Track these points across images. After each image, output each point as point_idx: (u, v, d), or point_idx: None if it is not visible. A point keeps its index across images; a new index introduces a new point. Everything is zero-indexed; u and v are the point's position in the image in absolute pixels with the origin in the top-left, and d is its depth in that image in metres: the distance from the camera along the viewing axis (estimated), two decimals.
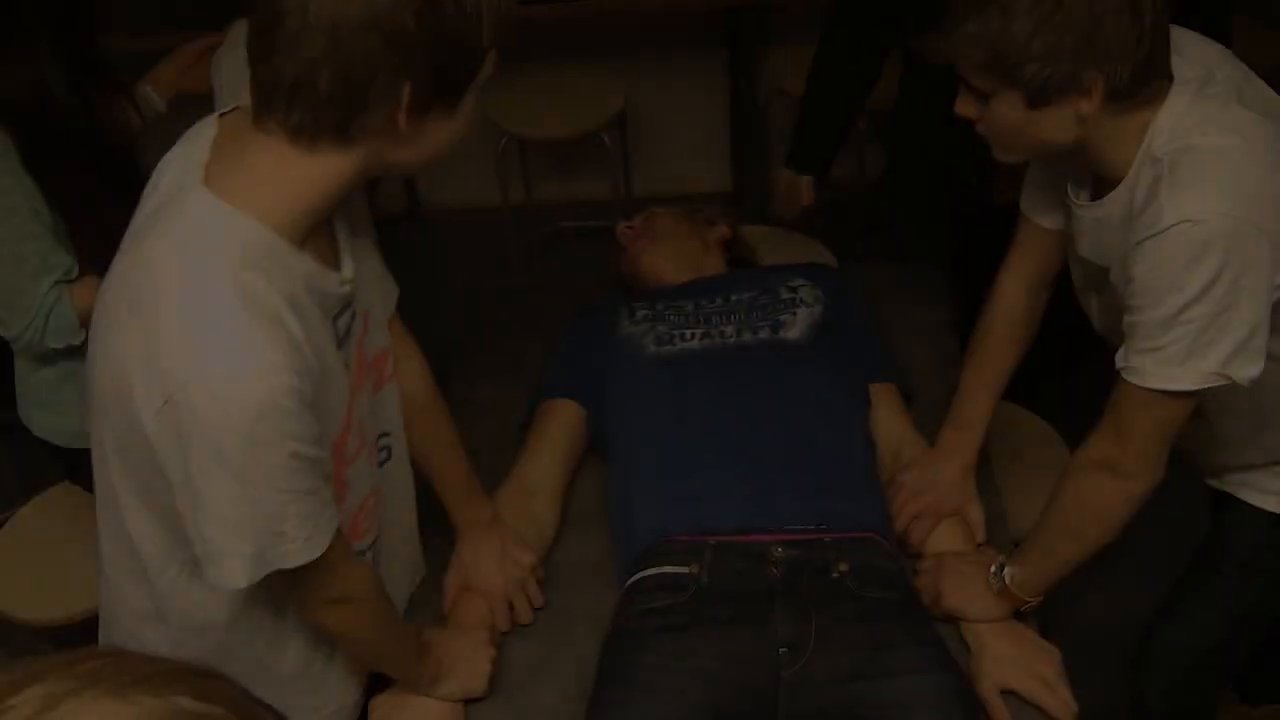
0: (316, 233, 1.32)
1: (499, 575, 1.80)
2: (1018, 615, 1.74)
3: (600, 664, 1.68)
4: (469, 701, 1.69)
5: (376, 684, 1.69)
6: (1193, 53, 1.49)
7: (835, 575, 1.67)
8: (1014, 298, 1.85)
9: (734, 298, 2.09)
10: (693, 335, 2.01)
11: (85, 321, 1.85)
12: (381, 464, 1.62)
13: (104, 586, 1.51)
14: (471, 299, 2.47)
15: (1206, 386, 1.43)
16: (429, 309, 3.63)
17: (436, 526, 1.86)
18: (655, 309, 2.08)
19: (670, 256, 2.26)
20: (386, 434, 1.63)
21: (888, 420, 2.00)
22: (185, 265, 1.20)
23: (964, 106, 1.52)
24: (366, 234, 1.50)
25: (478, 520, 1.82)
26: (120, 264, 1.28)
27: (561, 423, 2.02)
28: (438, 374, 1.76)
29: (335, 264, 1.36)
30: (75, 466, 2.05)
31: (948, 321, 2.32)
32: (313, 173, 1.24)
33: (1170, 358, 1.42)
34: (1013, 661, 1.68)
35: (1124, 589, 2.39)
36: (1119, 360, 1.50)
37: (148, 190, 1.32)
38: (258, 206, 1.23)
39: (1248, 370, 1.42)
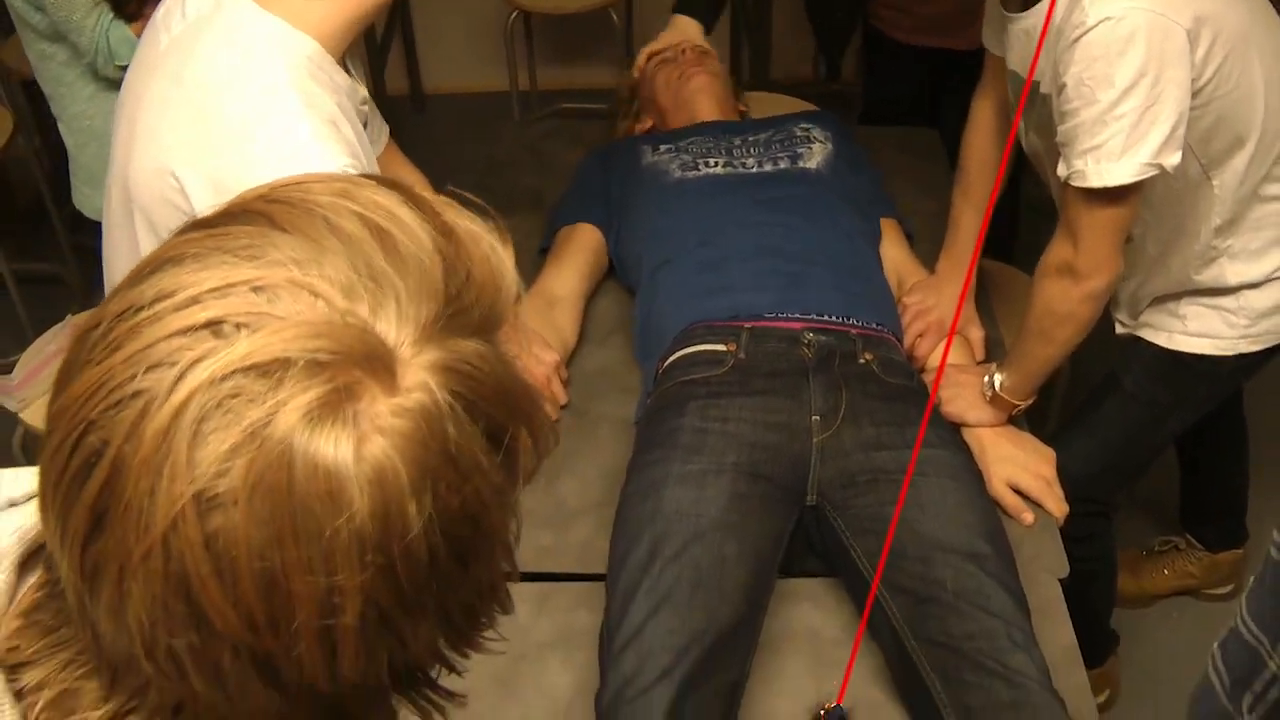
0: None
1: (523, 373, 1.87)
2: (1011, 420, 1.86)
3: (639, 434, 1.78)
4: None
5: None
6: None
7: (862, 361, 1.78)
8: (986, 120, 1.96)
9: (750, 136, 2.18)
10: (716, 164, 2.10)
11: None
12: None
13: None
14: (483, 156, 2.55)
15: (1143, 178, 1.53)
16: (434, 180, 3.71)
17: None
18: (677, 144, 2.17)
19: (716, 95, 2.31)
20: None
21: (893, 250, 2.10)
22: (247, 72, 1.21)
23: None
24: (359, 66, 1.51)
25: None
26: (155, 80, 1.27)
27: (581, 243, 2.11)
28: None
29: None
30: None
31: (944, 173, 2.41)
32: None
33: (1109, 153, 1.52)
34: (1015, 460, 1.80)
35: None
36: (1061, 170, 1.59)
37: (164, 13, 1.31)
38: (308, 20, 1.26)
39: (1173, 158, 1.53)
